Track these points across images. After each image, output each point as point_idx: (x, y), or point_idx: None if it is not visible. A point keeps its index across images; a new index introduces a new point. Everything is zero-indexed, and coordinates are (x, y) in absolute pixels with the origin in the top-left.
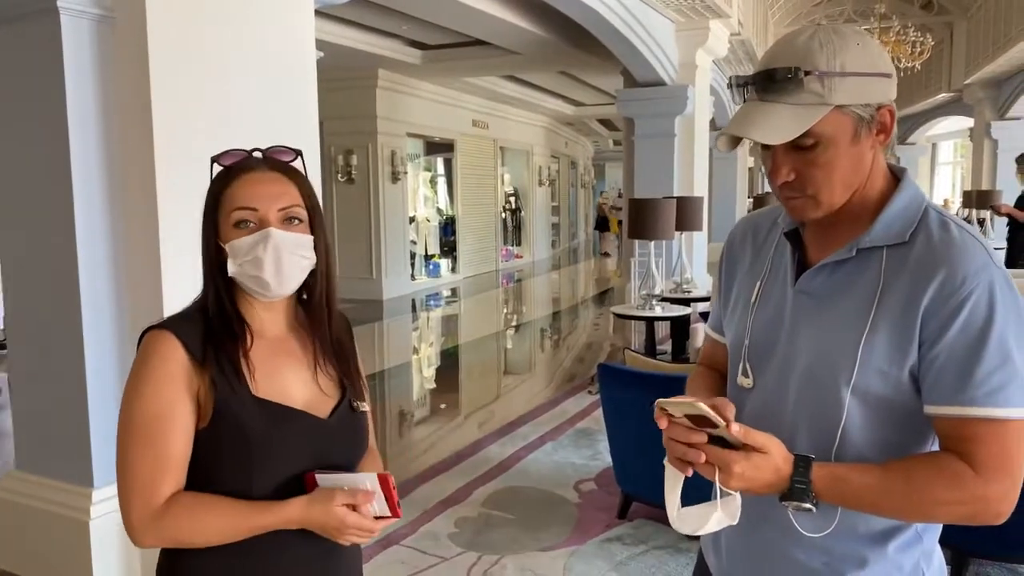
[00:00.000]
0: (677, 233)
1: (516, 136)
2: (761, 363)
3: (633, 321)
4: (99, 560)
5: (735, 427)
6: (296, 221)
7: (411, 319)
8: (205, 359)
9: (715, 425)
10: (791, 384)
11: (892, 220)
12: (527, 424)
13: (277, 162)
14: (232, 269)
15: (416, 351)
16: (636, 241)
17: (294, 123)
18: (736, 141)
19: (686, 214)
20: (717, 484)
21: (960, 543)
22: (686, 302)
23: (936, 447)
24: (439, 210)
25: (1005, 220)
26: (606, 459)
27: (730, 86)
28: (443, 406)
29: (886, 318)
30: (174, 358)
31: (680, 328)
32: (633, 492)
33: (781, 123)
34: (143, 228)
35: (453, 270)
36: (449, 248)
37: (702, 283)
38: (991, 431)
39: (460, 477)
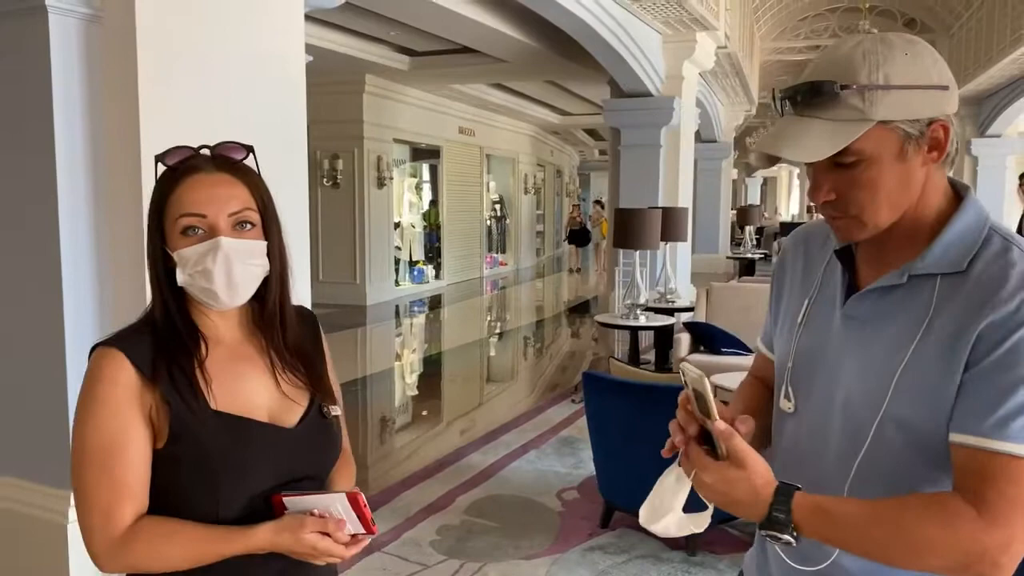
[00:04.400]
0: (662, 243)
1: (502, 144)
2: (804, 388)
3: (617, 330)
4: (76, 563)
5: (720, 425)
6: (248, 226)
7: (394, 325)
8: (155, 375)
9: (710, 414)
10: (834, 415)
11: (949, 245)
12: (510, 432)
13: (226, 161)
14: (181, 279)
15: (399, 357)
16: (620, 250)
17: (283, 126)
18: (773, 159)
19: (671, 224)
20: (689, 481)
21: None
22: (670, 312)
23: None
24: (424, 215)
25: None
26: (589, 468)
27: (772, 99)
28: (425, 413)
29: (931, 350)
30: (121, 379)
31: (664, 338)
32: (616, 501)
33: (815, 141)
34: (128, 231)
35: (437, 276)
36: (434, 254)
37: (686, 293)
38: (1007, 469)
39: (442, 484)
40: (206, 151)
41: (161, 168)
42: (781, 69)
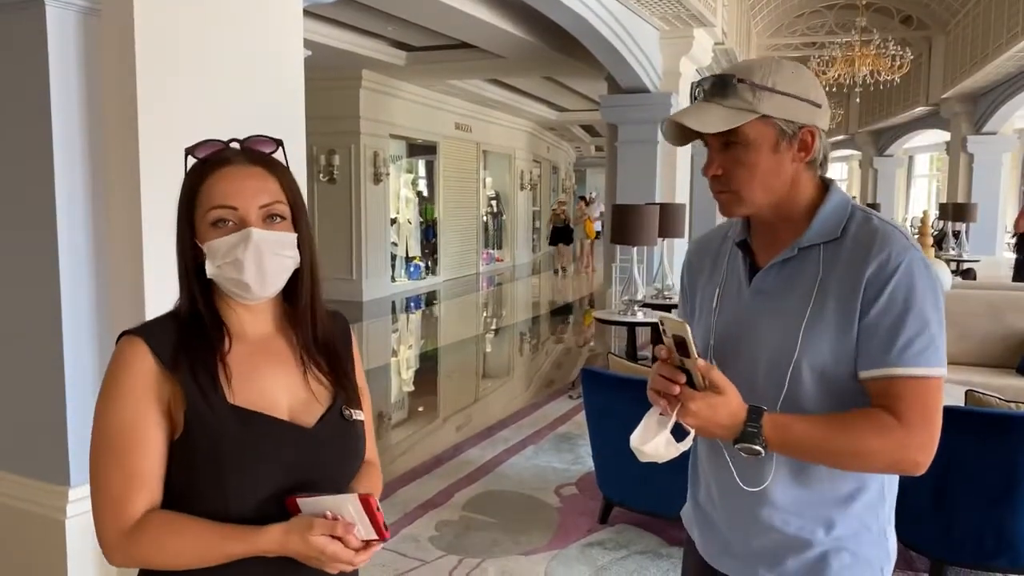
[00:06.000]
0: (659, 239)
1: (499, 140)
2: (727, 359)
3: (614, 326)
4: (74, 559)
5: (701, 362)
6: (278, 218)
7: (391, 321)
8: (175, 366)
9: (690, 355)
10: (759, 368)
11: (825, 221)
12: (508, 428)
13: (257, 154)
14: (210, 271)
15: (396, 353)
16: (618, 247)
17: (281, 121)
18: (683, 137)
19: (668, 221)
20: (674, 417)
21: (938, 551)
22: (667, 308)
23: None
24: (421, 211)
25: (1012, 234)
26: (587, 464)
27: (691, 90)
28: (422, 409)
29: (827, 303)
30: (142, 367)
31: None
32: (614, 497)
33: (713, 118)
34: (126, 225)
35: (433, 272)
36: (430, 251)
37: None
38: (912, 388)
39: (441, 480)
40: (236, 144)
41: (191, 161)
42: None
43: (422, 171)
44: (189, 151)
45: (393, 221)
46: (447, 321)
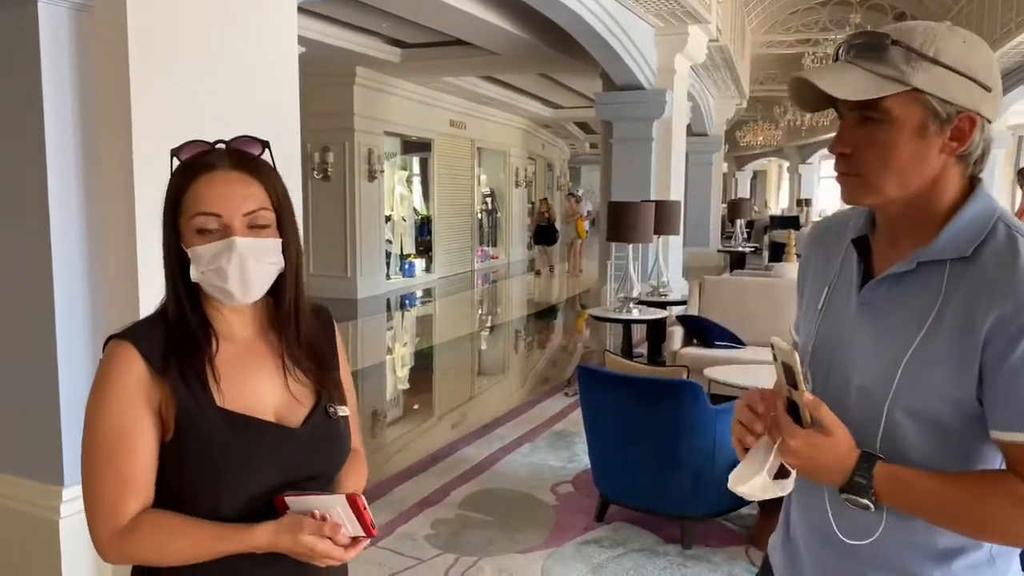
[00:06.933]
0: (654, 237)
1: (493, 137)
2: (821, 372)
3: (609, 323)
4: (69, 559)
5: (808, 395)
6: (263, 225)
7: (385, 319)
8: (166, 369)
9: (797, 386)
10: (850, 399)
11: (957, 233)
12: (504, 425)
13: (242, 158)
14: (195, 275)
15: (391, 351)
16: (613, 244)
17: (277, 120)
18: (814, 101)
19: (664, 218)
20: (775, 453)
21: None
22: (662, 305)
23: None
24: (415, 210)
25: None
26: (583, 461)
27: (835, 49)
28: (417, 407)
29: (942, 337)
30: (131, 371)
31: (656, 331)
32: (611, 494)
33: (852, 83)
34: (120, 225)
35: (428, 270)
36: (425, 248)
37: (678, 287)
38: None
39: (437, 478)
40: (222, 145)
41: (176, 162)
42: (772, 63)
43: (417, 168)
44: (174, 152)
45: (388, 218)
46: (442, 318)
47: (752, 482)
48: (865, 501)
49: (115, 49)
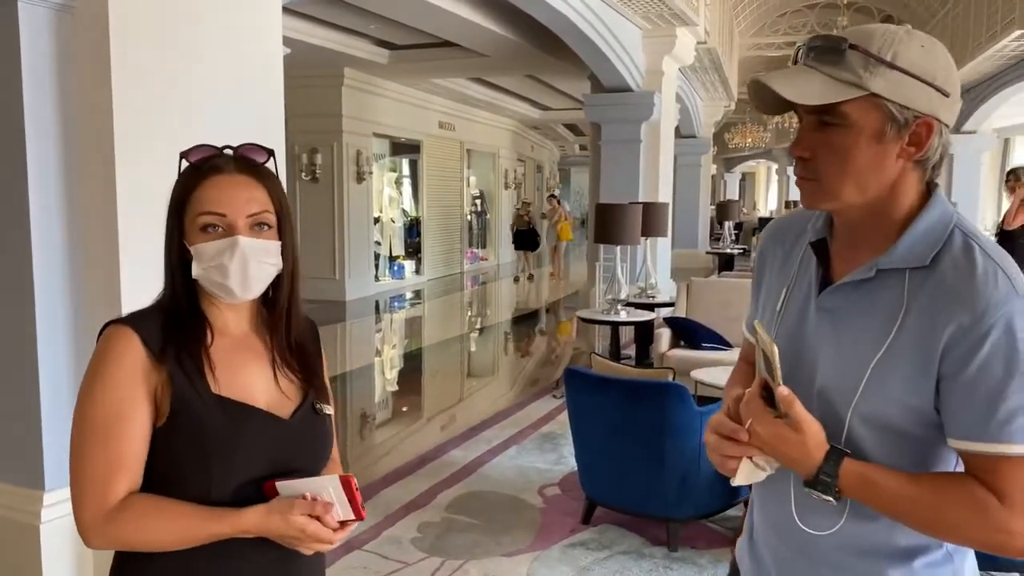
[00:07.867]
0: (642, 239)
1: (482, 138)
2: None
3: (597, 325)
4: (50, 565)
5: (784, 390)
6: (265, 227)
7: (374, 321)
8: (163, 355)
9: (775, 377)
10: (811, 405)
11: (915, 241)
12: (491, 428)
13: (248, 163)
14: (196, 272)
15: (379, 353)
16: (601, 246)
17: (260, 121)
18: (775, 105)
19: (652, 220)
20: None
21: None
22: (650, 307)
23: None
24: (404, 211)
25: (996, 232)
26: (570, 464)
27: (795, 52)
28: (405, 409)
29: (904, 347)
30: (131, 355)
31: (644, 333)
32: (597, 496)
33: (809, 87)
34: (101, 226)
35: (417, 272)
36: (414, 250)
37: (666, 289)
38: (1017, 466)
39: (423, 481)
40: (229, 151)
41: (184, 164)
42: (760, 65)
43: (406, 170)
44: (184, 155)
45: (376, 220)
46: (431, 320)
47: (741, 466)
48: (828, 497)
49: (97, 49)
